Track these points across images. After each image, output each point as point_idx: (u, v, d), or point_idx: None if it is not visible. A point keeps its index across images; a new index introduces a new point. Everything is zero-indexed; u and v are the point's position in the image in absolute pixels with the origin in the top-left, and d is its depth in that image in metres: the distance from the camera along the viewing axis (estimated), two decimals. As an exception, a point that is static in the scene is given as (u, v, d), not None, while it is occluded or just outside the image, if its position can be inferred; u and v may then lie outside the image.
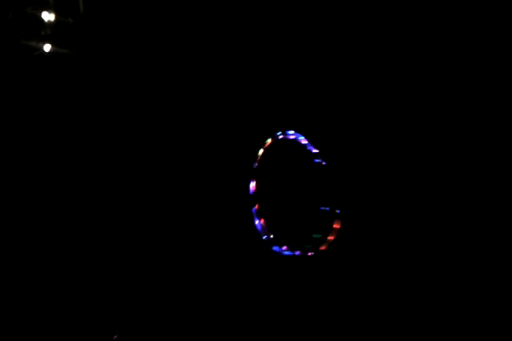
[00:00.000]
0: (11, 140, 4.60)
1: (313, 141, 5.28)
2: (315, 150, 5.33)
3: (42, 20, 4.90)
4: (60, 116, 4.78)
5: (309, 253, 5.08)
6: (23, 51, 4.79)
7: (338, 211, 5.33)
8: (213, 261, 4.71)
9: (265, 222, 4.82)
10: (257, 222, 4.77)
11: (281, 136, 5.11)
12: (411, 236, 5.31)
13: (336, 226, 5.34)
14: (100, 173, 4.75)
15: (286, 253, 4.90)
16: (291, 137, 5.17)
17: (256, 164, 4.93)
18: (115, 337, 4.47)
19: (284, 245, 4.94)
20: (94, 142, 4.79)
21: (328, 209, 5.25)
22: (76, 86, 4.90)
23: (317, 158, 5.31)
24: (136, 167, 4.76)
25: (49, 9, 4.88)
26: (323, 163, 5.28)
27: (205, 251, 4.67)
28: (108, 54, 5.06)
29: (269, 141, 5.03)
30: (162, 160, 4.80)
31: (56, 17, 4.93)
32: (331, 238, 5.26)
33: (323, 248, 5.21)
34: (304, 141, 5.20)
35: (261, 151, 4.97)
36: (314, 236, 5.13)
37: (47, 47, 4.83)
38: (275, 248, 4.84)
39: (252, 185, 4.87)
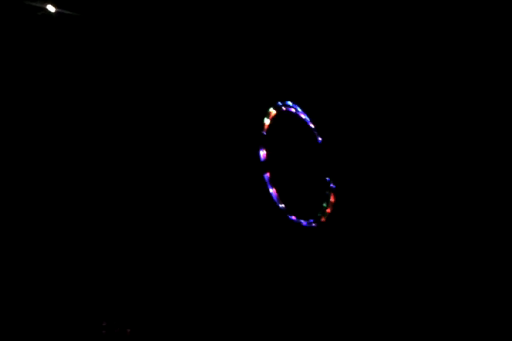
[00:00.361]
0: (11, 104, 4.22)
1: (310, 116, 5.38)
2: (312, 125, 5.41)
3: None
4: (61, 78, 4.47)
5: (313, 224, 5.11)
6: (27, 11, 4.52)
7: (332, 185, 5.42)
8: (230, 229, 4.57)
9: (277, 191, 4.78)
10: (271, 190, 4.71)
11: (283, 108, 5.12)
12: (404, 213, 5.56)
13: (332, 199, 5.42)
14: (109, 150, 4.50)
15: (303, 223, 4.90)
16: (292, 110, 5.21)
17: (264, 132, 4.89)
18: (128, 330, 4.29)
19: (295, 214, 4.93)
20: (97, 105, 4.50)
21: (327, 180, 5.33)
22: (78, 48, 4.65)
23: (314, 132, 5.40)
24: (146, 138, 4.55)
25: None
26: (319, 138, 5.37)
27: (221, 220, 4.53)
28: (112, 17, 4.85)
29: (273, 111, 5.02)
30: (171, 129, 4.63)
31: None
32: (328, 211, 5.33)
33: (322, 219, 5.26)
34: (303, 115, 5.26)
35: (267, 121, 4.94)
36: (324, 205, 5.18)
37: (50, 8, 4.61)
38: (291, 217, 4.82)
39: (263, 153, 4.82)
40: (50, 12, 4.66)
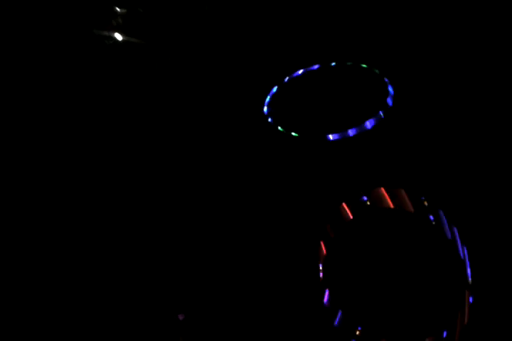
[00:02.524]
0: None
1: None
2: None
3: (114, 10, 4.88)
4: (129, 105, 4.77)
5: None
6: (97, 40, 4.88)
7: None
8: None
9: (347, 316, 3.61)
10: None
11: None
12: None
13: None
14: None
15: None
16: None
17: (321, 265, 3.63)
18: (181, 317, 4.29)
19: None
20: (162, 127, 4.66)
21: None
22: (146, 75, 4.88)
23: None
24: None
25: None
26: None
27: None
28: (176, 44, 4.94)
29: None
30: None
31: (127, 8, 4.91)
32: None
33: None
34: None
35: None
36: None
37: (119, 37, 4.84)
38: None
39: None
40: (117, 40, 4.86)
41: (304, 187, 4.24)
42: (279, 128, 4.58)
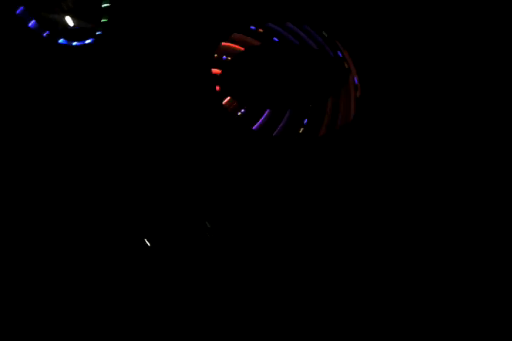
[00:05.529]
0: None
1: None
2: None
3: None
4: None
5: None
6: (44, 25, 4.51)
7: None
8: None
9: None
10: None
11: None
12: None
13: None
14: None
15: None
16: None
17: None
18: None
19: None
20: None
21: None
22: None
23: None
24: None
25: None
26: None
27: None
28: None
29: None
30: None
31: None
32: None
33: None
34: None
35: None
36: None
37: (70, 22, 4.55)
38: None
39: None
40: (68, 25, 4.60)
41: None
42: None
